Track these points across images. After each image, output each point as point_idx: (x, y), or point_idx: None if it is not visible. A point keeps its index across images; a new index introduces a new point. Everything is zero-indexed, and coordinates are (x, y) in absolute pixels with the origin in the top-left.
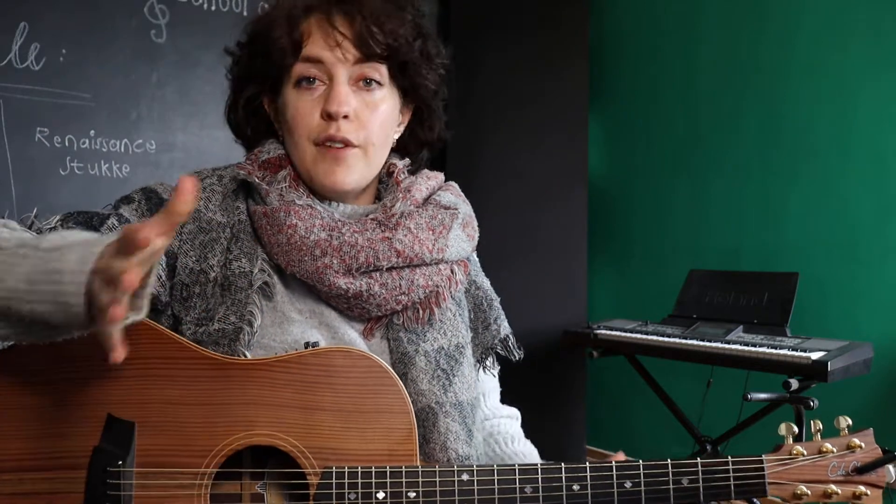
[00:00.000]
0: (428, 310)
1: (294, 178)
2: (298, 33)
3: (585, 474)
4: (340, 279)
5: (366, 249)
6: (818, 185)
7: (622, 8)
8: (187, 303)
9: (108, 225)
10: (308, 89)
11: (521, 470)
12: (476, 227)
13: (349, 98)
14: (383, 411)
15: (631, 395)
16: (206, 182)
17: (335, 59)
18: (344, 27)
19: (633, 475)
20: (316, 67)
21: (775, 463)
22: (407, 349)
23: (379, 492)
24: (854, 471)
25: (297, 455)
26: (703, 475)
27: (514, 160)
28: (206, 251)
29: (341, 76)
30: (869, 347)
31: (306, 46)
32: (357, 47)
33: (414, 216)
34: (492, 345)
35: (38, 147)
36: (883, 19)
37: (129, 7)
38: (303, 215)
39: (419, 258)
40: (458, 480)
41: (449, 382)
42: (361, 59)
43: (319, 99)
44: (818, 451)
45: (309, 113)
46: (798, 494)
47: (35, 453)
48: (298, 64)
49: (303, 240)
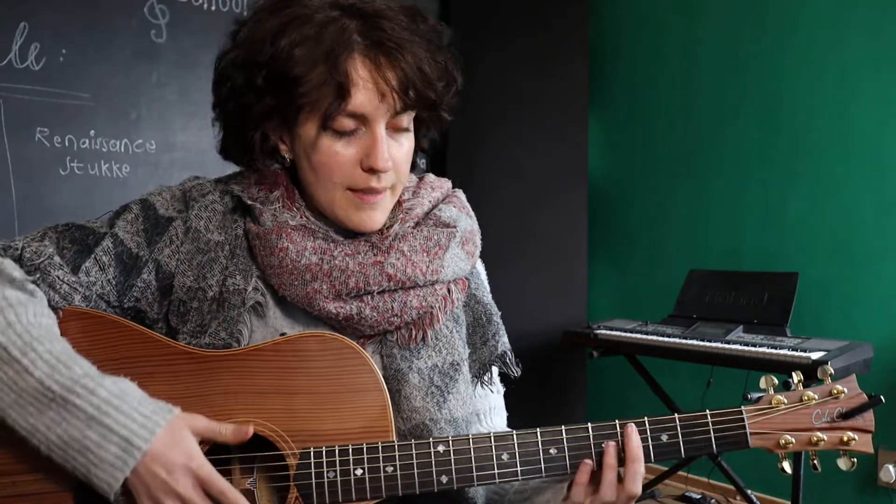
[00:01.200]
0: (421, 330)
1: (289, 196)
2: (344, 79)
3: (562, 437)
4: (330, 304)
5: (356, 274)
6: (818, 185)
7: (622, 8)
8: (185, 317)
9: (102, 247)
10: (344, 135)
11: (496, 437)
12: (478, 241)
13: (390, 150)
14: (358, 390)
15: (631, 395)
16: (208, 199)
17: (379, 113)
18: (390, 77)
19: (611, 435)
20: (358, 121)
21: (755, 412)
22: (400, 366)
23: (357, 468)
24: (839, 416)
25: (276, 439)
26: (682, 430)
27: (513, 159)
28: (205, 271)
29: (381, 129)
30: (869, 347)
31: (351, 99)
32: (402, 100)
33: (408, 238)
34: (489, 361)
35: (38, 147)
36: (882, 18)
37: (129, 7)
38: (294, 238)
39: (412, 281)
40: (435, 452)
41: (443, 399)
42: (400, 112)
43: (358, 147)
44: (799, 399)
45: (346, 162)
46: (783, 444)
47: (26, 455)
48: (340, 115)
49: (294, 263)
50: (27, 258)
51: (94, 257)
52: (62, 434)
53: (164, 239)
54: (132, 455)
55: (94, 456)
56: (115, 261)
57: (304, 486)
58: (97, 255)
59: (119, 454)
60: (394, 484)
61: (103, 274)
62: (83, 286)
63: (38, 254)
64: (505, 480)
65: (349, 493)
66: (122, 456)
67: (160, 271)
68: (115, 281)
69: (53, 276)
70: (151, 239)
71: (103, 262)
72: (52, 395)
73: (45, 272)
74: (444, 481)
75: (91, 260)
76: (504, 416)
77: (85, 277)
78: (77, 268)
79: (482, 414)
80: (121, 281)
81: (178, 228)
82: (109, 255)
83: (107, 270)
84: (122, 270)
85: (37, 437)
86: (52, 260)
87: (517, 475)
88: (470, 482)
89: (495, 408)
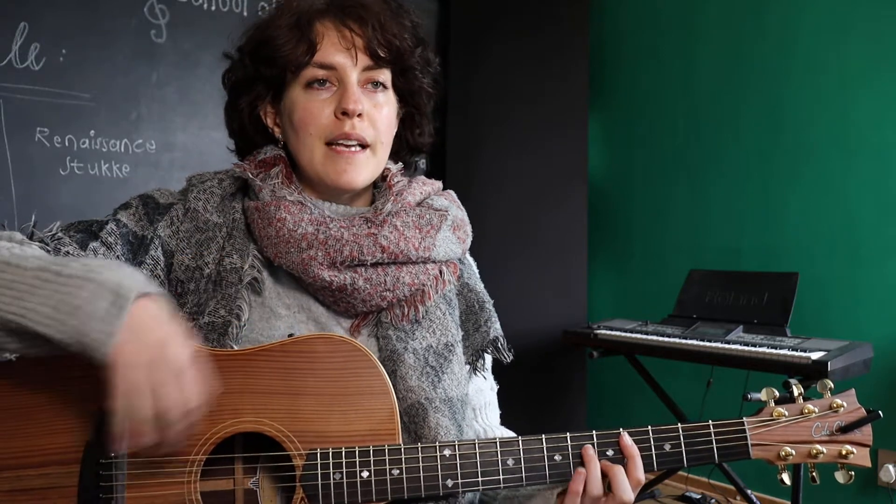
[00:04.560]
0: (413, 307)
1: (287, 174)
2: (312, 35)
3: (566, 444)
4: (325, 271)
5: (350, 243)
6: (818, 185)
7: (622, 8)
8: (182, 298)
9: (107, 230)
10: (319, 90)
11: (502, 443)
12: (468, 231)
13: (362, 98)
14: (365, 393)
15: (631, 395)
16: (206, 184)
17: (348, 63)
18: (356, 32)
19: (614, 443)
20: (328, 71)
21: (757, 424)
22: (395, 347)
23: (363, 471)
24: (838, 430)
25: (282, 440)
26: (685, 440)
27: (514, 160)
28: (202, 249)
29: (353, 78)
30: (869, 347)
31: (319, 51)
32: (367, 52)
33: (401, 214)
34: (482, 346)
35: (38, 147)
36: (883, 19)
37: (129, 7)
38: (292, 210)
39: (404, 255)
40: (441, 456)
41: (438, 379)
42: (371, 65)
43: (331, 99)
44: (800, 412)
45: (321, 112)
46: (783, 455)
47: (31, 451)
48: (311, 68)
49: (290, 233)
50: (37, 236)
51: (101, 239)
52: (55, 304)
53: (165, 219)
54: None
55: (84, 313)
56: (120, 240)
57: (311, 487)
58: (103, 237)
59: (109, 307)
60: (400, 487)
61: (111, 251)
62: None
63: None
64: (510, 486)
65: (355, 494)
66: (114, 306)
67: (164, 249)
68: (125, 258)
69: (63, 251)
70: (153, 219)
71: (109, 241)
72: (46, 274)
73: (56, 248)
74: (449, 485)
75: (98, 242)
76: (497, 413)
77: (93, 255)
78: (85, 246)
79: (478, 409)
80: (129, 258)
81: (178, 210)
82: (115, 236)
83: (114, 248)
84: (129, 249)
85: (31, 318)
86: (60, 239)
87: (522, 481)
88: (475, 486)
89: (490, 404)
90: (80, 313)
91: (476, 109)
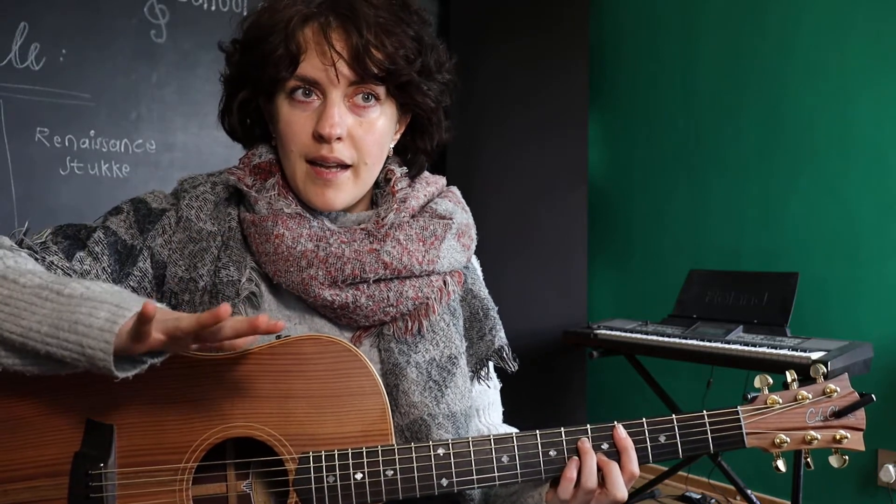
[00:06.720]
0: (417, 322)
1: (283, 185)
2: (295, 46)
3: (561, 439)
4: (326, 291)
5: (352, 261)
6: (818, 185)
7: (622, 8)
8: (176, 310)
9: (94, 238)
10: (301, 103)
11: (496, 439)
12: (473, 235)
13: (343, 118)
14: (356, 394)
15: (631, 395)
16: (199, 190)
17: (329, 80)
18: (340, 45)
19: (609, 437)
20: (312, 84)
21: (751, 412)
22: (398, 360)
23: (357, 472)
24: (832, 415)
25: (274, 444)
26: (680, 430)
27: (514, 160)
28: (196, 261)
29: (335, 96)
30: (869, 347)
31: (302, 63)
32: (352, 68)
33: (404, 227)
34: (486, 356)
35: (38, 147)
36: (883, 19)
37: (129, 7)
38: (290, 225)
39: (408, 270)
40: (435, 455)
41: (441, 394)
42: (357, 81)
43: (312, 115)
44: (794, 398)
45: (301, 130)
46: (778, 443)
47: (18, 464)
48: (292, 80)
49: (289, 250)
50: (26, 243)
51: (87, 249)
52: (55, 322)
53: (156, 228)
54: (122, 315)
55: (83, 326)
56: (108, 250)
57: (304, 491)
58: (90, 247)
59: (108, 317)
60: (394, 488)
61: (97, 263)
62: (77, 274)
63: (35, 241)
64: (505, 482)
65: (349, 497)
66: (112, 317)
67: (154, 260)
68: (111, 269)
69: (49, 260)
70: (144, 228)
71: (96, 251)
72: (46, 292)
73: (41, 257)
74: (444, 484)
75: (84, 251)
76: (500, 410)
77: (79, 265)
78: (71, 256)
79: (481, 410)
80: (116, 269)
81: (171, 218)
82: (102, 245)
83: (100, 259)
84: (116, 259)
85: (31, 337)
86: (47, 247)
87: (517, 477)
88: (470, 485)
89: (493, 403)
90: (79, 327)
91: (476, 109)
